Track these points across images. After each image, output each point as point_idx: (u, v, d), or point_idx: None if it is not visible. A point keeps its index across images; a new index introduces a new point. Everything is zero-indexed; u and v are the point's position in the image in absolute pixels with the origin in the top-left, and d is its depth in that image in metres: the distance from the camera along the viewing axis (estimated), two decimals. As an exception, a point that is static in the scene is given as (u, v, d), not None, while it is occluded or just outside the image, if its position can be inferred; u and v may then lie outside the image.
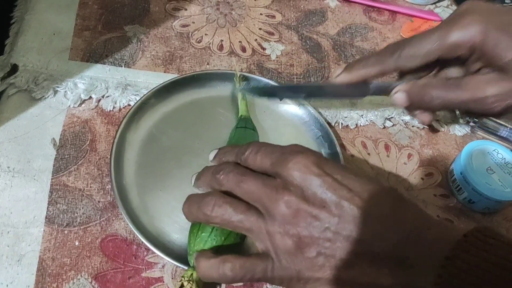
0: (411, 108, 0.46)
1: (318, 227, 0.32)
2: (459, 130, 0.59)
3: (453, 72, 0.44)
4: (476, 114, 0.48)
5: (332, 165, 0.34)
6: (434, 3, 0.75)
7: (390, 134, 0.57)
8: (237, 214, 0.35)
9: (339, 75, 0.45)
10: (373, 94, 0.44)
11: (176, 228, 0.45)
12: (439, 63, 0.45)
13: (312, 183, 0.33)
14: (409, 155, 0.56)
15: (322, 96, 0.53)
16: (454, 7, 0.75)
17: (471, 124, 0.59)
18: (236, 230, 0.36)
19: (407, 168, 0.55)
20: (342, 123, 0.56)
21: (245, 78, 0.56)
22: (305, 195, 0.33)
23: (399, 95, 0.43)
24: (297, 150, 0.35)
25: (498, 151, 0.53)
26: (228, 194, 0.37)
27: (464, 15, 0.39)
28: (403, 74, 0.47)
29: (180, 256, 0.43)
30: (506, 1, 0.72)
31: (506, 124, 0.58)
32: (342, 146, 0.55)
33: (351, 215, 0.32)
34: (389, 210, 0.33)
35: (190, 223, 0.44)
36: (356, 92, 0.45)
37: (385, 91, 0.43)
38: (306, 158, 0.34)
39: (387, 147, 0.56)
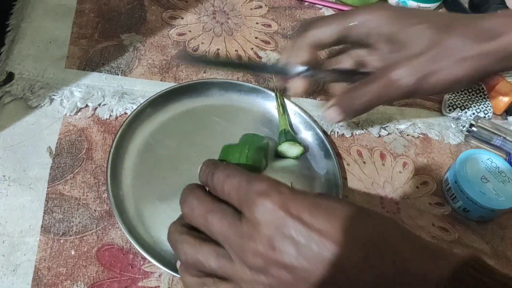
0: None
1: (288, 277, 0.31)
2: (453, 139, 0.60)
3: (350, 62, 0.50)
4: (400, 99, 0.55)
5: (300, 201, 0.32)
6: (428, 13, 0.76)
7: (385, 143, 0.58)
8: (207, 260, 0.33)
9: (282, 59, 0.49)
10: (298, 74, 0.48)
11: (172, 237, 0.45)
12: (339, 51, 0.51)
13: (278, 230, 0.31)
14: (404, 164, 0.56)
15: (253, 70, 0.59)
16: (448, 17, 0.76)
17: (466, 133, 0.60)
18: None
19: (402, 177, 0.55)
20: (337, 132, 0.57)
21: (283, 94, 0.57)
22: (272, 243, 0.31)
23: (331, 110, 0.46)
24: (261, 190, 0.32)
25: (492, 160, 0.54)
26: None
27: (365, 6, 0.46)
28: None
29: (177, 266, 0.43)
30: (498, 12, 0.73)
31: (500, 133, 0.59)
32: (338, 154, 0.55)
33: (321, 261, 0.30)
34: (365, 250, 0.31)
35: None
36: (280, 74, 0.50)
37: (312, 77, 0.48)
38: (270, 200, 0.31)
39: (382, 156, 0.57)
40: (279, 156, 0.53)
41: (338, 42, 0.48)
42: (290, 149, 0.52)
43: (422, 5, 0.73)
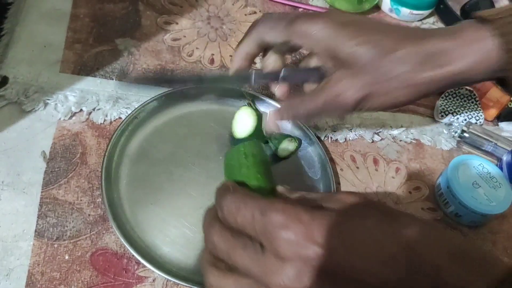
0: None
1: None
2: (445, 144, 0.61)
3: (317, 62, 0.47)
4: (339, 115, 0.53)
5: (323, 225, 0.30)
6: (421, 20, 0.77)
7: (378, 148, 0.58)
8: None
9: (231, 66, 0.48)
10: (255, 82, 0.47)
11: (167, 241, 0.45)
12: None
13: (305, 262, 0.29)
14: (397, 169, 0.57)
15: (208, 84, 0.54)
16: (440, 24, 0.77)
17: (458, 139, 0.61)
18: None
19: (395, 182, 0.56)
20: (331, 137, 0.57)
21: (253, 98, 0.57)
22: (301, 276, 0.29)
23: (270, 122, 0.46)
24: (279, 222, 0.30)
25: (483, 166, 0.55)
26: None
27: (311, 14, 0.44)
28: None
29: (171, 270, 0.43)
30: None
31: (491, 139, 0.60)
32: (331, 160, 0.55)
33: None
34: (404, 270, 0.29)
35: (180, 237, 0.44)
36: (241, 82, 0.48)
37: (266, 78, 0.47)
38: (292, 233, 0.30)
39: (375, 161, 0.57)
40: (278, 157, 0.53)
41: (282, 45, 0.46)
42: (290, 145, 0.53)
43: (414, 11, 0.73)
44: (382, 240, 0.30)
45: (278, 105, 0.56)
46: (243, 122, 0.51)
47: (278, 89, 0.48)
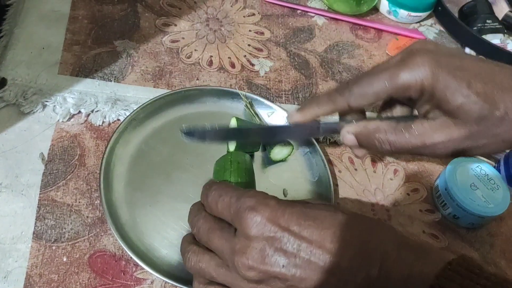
0: (359, 146, 0.44)
1: (282, 286, 0.33)
2: (443, 146, 0.61)
3: (403, 111, 0.43)
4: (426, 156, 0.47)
5: (288, 212, 0.33)
6: (419, 22, 0.77)
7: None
8: (208, 267, 0.36)
9: (293, 116, 0.44)
10: (323, 133, 0.43)
11: (165, 243, 0.45)
12: (389, 101, 0.44)
13: (268, 243, 0.32)
14: (395, 171, 0.57)
15: (275, 138, 0.51)
16: (438, 27, 0.77)
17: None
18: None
19: (393, 184, 0.56)
20: (329, 139, 0.57)
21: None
22: (264, 256, 0.32)
23: (349, 136, 0.41)
24: (250, 205, 0.33)
25: (481, 168, 0.55)
26: None
27: (414, 55, 0.37)
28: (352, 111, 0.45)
29: (169, 272, 0.43)
30: (487, 21, 0.74)
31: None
32: (330, 161, 0.55)
33: (313, 268, 0.32)
34: (354, 255, 0.32)
35: (179, 239, 0.44)
36: (306, 132, 0.44)
37: (334, 130, 0.42)
38: (259, 214, 0.33)
39: (373, 163, 0.57)
40: (272, 161, 0.53)
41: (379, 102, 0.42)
42: (282, 151, 0.52)
43: (412, 13, 0.74)
44: (338, 226, 0.33)
45: (279, 108, 0.57)
46: None
47: (346, 137, 0.43)
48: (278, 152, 0.52)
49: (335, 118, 0.45)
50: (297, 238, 0.33)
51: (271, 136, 0.48)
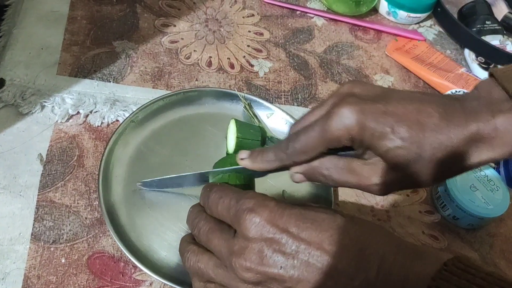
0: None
1: (279, 287, 0.33)
2: (443, 147, 0.61)
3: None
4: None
5: (287, 214, 0.34)
6: (418, 23, 0.77)
7: (376, 151, 0.58)
8: (206, 268, 0.36)
9: (243, 160, 0.43)
10: (272, 172, 0.44)
11: (164, 245, 0.45)
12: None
13: (266, 244, 0.33)
14: (395, 172, 0.57)
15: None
16: (438, 28, 0.77)
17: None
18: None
19: (392, 185, 0.56)
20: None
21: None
22: (262, 257, 0.33)
23: (297, 176, 0.42)
24: (249, 206, 0.34)
25: (481, 169, 0.55)
26: None
27: (340, 105, 0.37)
28: None
29: (168, 274, 0.43)
30: (486, 22, 0.74)
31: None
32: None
33: (311, 270, 0.32)
34: (352, 257, 0.32)
35: (178, 241, 0.44)
36: (256, 173, 0.44)
37: (284, 169, 0.43)
38: (257, 216, 0.33)
39: (373, 164, 0.57)
40: None
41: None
42: None
43: (412, 15, 0.74)
44: (336, 229, 0.33)
45: (278, 109, 0.56)
46: (230, 138, 0.51)
47: (295, 176, 0.43)
48: None
49: None
50: (295, 239, 0.33)
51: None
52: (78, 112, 0.52)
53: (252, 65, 0.63)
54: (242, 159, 0.43)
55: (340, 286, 0.32)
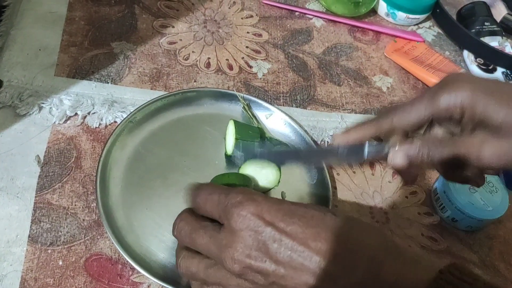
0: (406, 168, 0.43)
1: (263, 281, 0.33)
2: (442, 149, 0.61)
3: (443, 131, 0.44)
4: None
5: (275, 209, 0.34)
6: (417, 24, 0.77)
7: (375, 153, 0.58)
8: (198, 271, 0.36)
9: (337, 137, 0.44)
10: (368, 158, 0.44)
11: (162, 247, 0.45)
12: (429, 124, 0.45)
13: (252, 236, 0.33)
14: (394, 174, 0.57)
15: (321, 160, 0.51)
16: (436, 29, 0.77)
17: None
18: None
19: (391, 187, 0.56)
20: (328, 142, 0.57)
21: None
22: (248, 249, 0.33)
23: (398, 155, 0.41)
24: (238, 200, 0.34)
25: (480, 170, 0.54)
26: None
27: (451, 82, 0.40)
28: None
29: (166, 276, 0.43)
30: (485, 23, 0.74)
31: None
32: (328, 164, 0.55)
33: (293, 266, 0.32)
34: (339, 256, 0.32)
35: (176, 243, 0.44)
36: (352, 157, 0.44)
37: (379, 153, 0.42)
38: (244, 209, 0.33)
39: (372, 166, 0.57)
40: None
41: (423, 125, 0.43)
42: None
43: (411, 16, 0.74)
44: (323, 227, 0.33)
45: (277, 110, 0.56)
46: (228, 139, 0.51)
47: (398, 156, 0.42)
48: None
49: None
50: (281, 233, 0.33)
51: (315, 157, 0.48)
52: (76, 114, 0.52)
53: (250, 66, 0.63)
54: (336, 138, 0.43)
55: (324, 284, 0.32)
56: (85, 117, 0.52)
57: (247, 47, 0.65)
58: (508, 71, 0.70)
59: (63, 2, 0.62)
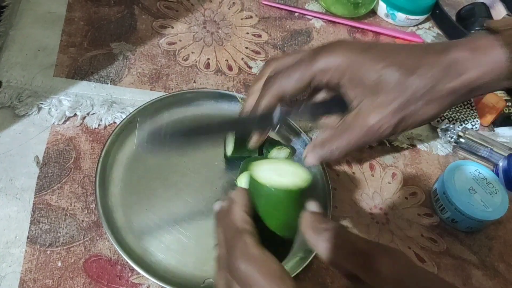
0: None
1: None
2: (441, 150, 0.61)
3: (327, 95, 0.46)
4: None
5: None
6: (416, 25, 0.77)
7: (374, 154, 0.58)
8: None
9: (247, 106, 0.46)
10: (278, 121, 0.45)
11: (161, 248, 0.45)
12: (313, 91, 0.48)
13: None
14: (393, 175, 0.57)
15: (234, 130, 0.49)
16: (436, 30, 0.77)
17: (454, 144, 0.60)
18: None
19: (391, 187, 0.56)
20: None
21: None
22: None
23: (309, 157, 0.45)
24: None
25: (479, 171, 0.54)
26: None
27: (328, 46, 0.42)
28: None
29: (165, 277, 0.43)
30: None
31: (487, 145, 0.59)
32: (328, 165, 0.55)
33: None
34: None
35: (175, 244, 0.44)
36: (264, 123, 0.45)
37: (287, 114, 0.45)
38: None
39: (371, 167, 0.57)
40: None
41: (305, 89, 0.45)
42: (280, 154, 0.52)
43: (410, 17, 0.73)
44: None
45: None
46: (228, 140, 0.51)
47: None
48: (275, 155, 0.52)
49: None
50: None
51: (228, 128, 0.47)
52: (75, 114, 0.52)
53: (250, 67, 0.63)
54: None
55: None
56: (84, 117, 0.52)
57: (246, 47, 0.65)
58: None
59: (62, 2, 0.62)
